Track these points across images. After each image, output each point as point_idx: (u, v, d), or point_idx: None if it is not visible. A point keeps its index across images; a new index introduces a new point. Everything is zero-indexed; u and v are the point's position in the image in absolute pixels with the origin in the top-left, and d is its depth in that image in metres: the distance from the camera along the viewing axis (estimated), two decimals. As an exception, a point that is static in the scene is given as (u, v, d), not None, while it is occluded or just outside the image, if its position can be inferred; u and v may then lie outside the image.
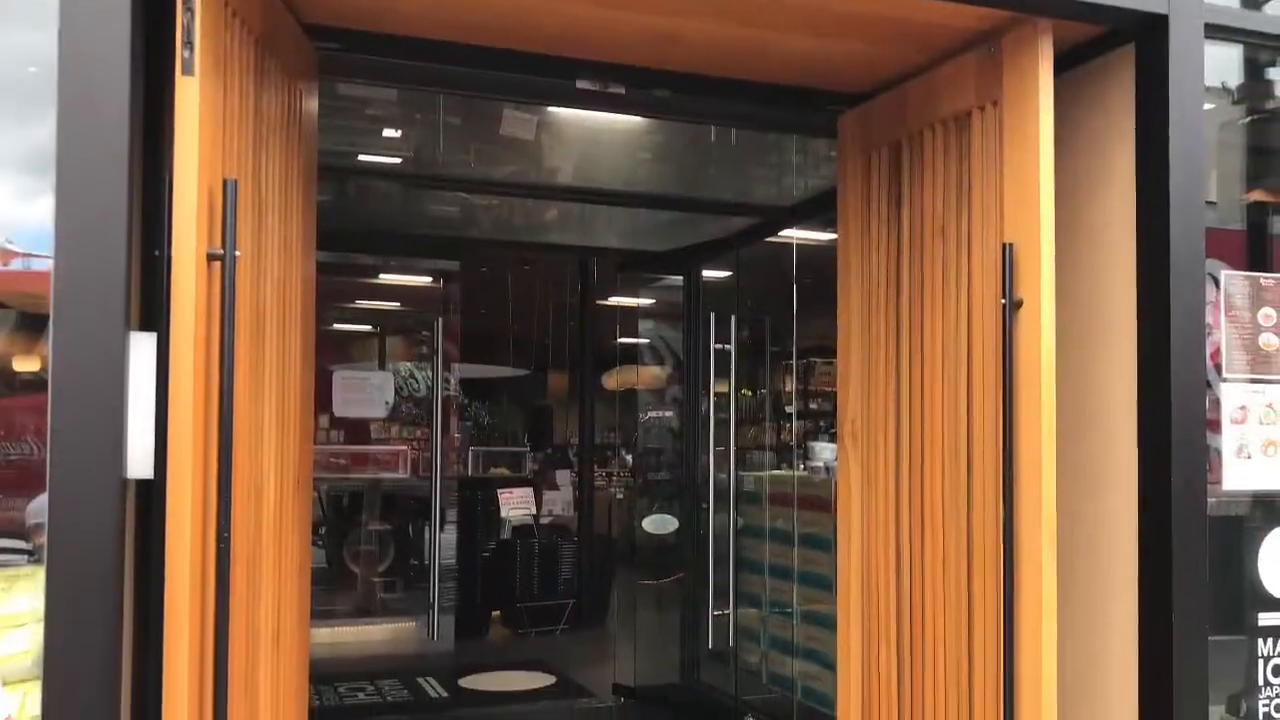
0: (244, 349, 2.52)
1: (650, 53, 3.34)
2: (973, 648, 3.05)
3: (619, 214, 7.84)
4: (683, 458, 7.28)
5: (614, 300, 9.08)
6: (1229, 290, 3.22)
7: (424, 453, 7.57)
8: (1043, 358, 2.85)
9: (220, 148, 2.41)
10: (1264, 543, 3.28)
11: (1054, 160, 2.89)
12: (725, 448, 6.62)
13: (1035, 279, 2.86)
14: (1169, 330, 2.93)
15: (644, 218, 7.87)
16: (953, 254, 3.19)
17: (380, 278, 7.86)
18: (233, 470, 2.36)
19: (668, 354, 8.42)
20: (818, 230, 5.99)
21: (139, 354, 2.28)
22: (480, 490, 9.48)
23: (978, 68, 3.09)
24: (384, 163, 6.74)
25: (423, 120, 6.23)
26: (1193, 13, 3.01)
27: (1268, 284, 3.27)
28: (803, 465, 6.62)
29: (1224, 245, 3.33)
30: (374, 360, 8.22)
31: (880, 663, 3.46)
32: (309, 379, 3.10)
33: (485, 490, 9.41)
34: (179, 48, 2.26)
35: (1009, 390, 2.90)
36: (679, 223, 7.58)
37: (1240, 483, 3.19)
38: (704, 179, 7.10)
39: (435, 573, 7.03)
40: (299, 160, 3.01)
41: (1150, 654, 2.96)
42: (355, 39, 3.15)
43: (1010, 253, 2.91)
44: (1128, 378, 3.05)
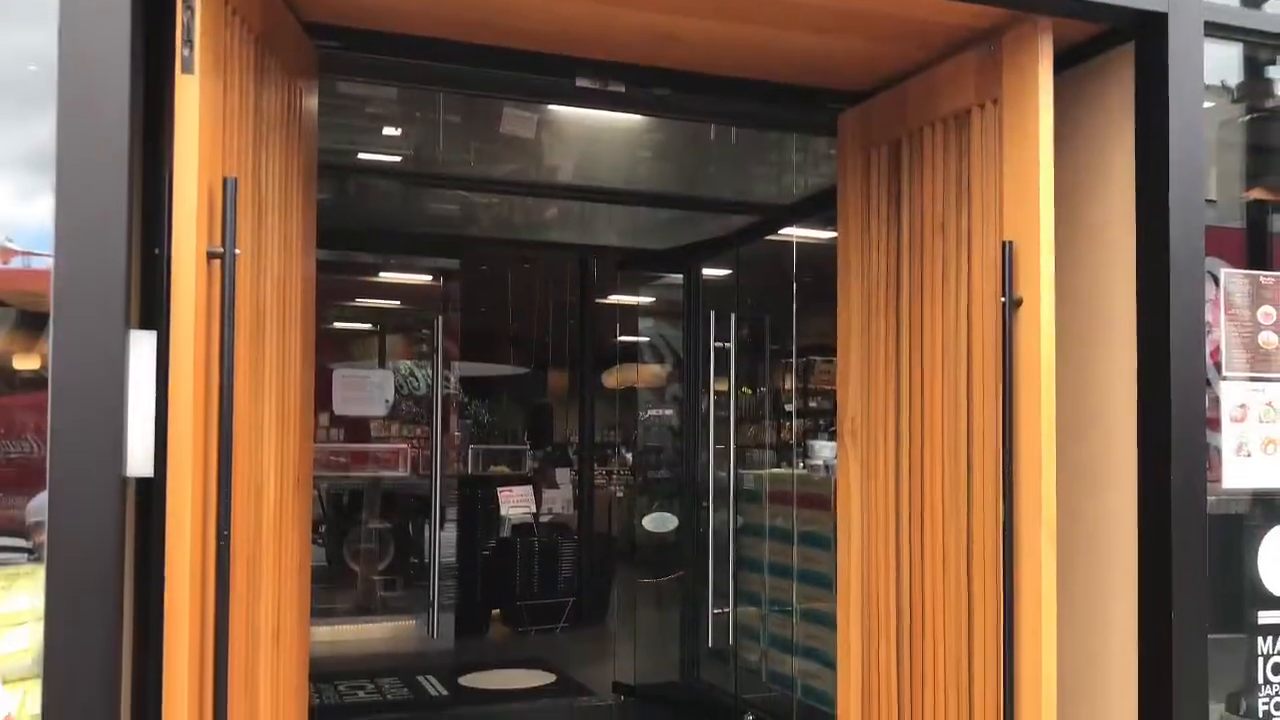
0: (244, 347, 2.52)
1: (650, 51, 3.34)
2: (973, 646, 3.05)
3: (619, 212, 7.84)
4: (682, 456, 7.28)
5: (614, 298, 9.07)
6: (1229, 288, 3.22)
7: (424, 451, 7.56)
8: (1042, 356, 2.85)
9: (220, 146, 2.41)
10: (1264, 541, 3.28)
11: (1054, 158, 2.89)
12: (725, 446, 6.62)
13: (1035, 277, 2.87)
14: (1169, 328, 2.93)
15: (644, 216, 7.86)
16: (953, 252, 3.20)
17: (380, 276, 7.85)
18: (233, 468, 2.37)
19: (668, 352, 8.41)
20: (818, 228, 5.99)
21: (139, 352, 2.28)
22: (480, 488, 9.47)
23: (978, 66, 3.09)
24: (384, 161, 6.73)
25: (423, 118, 6.23)
26: (1192, 11, 3.01)
27: (1267, 282, 3.27)
28: (802, 463, 6.62)
29: (1223, 243, 3.33)
30: (374, 358, 8.21)
31: (880, 661, 3.46)
32: (309, 377, 3.10)
33: (485, 488, 9.41)
34: (179, 46, 2.26)
35: (1009, 388, 2.90)
36: (679, 221, 7.58)
37: (1240, 481, 3.19)
38: (704, 177, 7.09)
39: (435, 571, 7.02)
40: (299, 158, 3.01)
41: (1150, 652, 2.96)
42: (355, 37, 3.15)
43: (1010, 251, 2.91)
44: (1127, 376, 3.05)
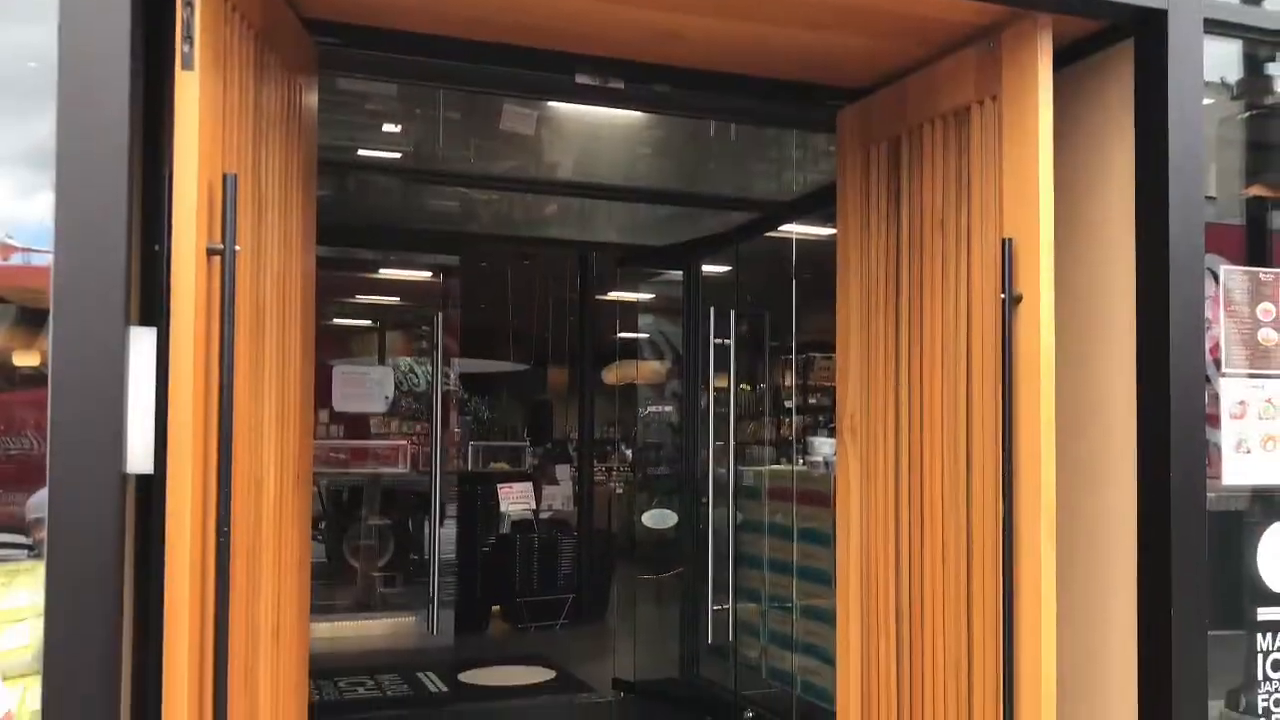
0: (244, 344, 2.52)
1: (650, 48, 3.33)
2: (972, 643, 3.05)
3: (619, 209, 7.83)
4: (682, 453, 7.28)
5: (614, 295, 9.07)
6: (1228, 285, 3.22)
7: (424, 448, 7.55)
8: (1042, 353, 2.85)
9: (220, 143, 2.41)
10: (1263, 538, 3.28)
11: (1054, 155, 2.89)
12: (725, 443, 6.61)
13: (1035, 274, 2.87)
14: (1168, 325, 2.93)
15: (644, 213, 7.86)
16: (952, 249, 3.19)
17: (380, 273, 7.84)
18: (232, 465, 2.37)
19: (667, 349, 8.40)
20: (817, 225, 5.98)
21: (139, 349, 2.28)
22: (480, 485, 9.48)
23: (977, 62, 3.09)
24: (384, 158, 6.73)
25: (422, 115, 6.23)
26: (1192, 8, 3.00)
27: (1267, 279, 3.27)
28: (802, 460, 6.62)
29: (1223, 240, 3.33)
30: (374, 355, 8.21)
31: (880, 657, 3.46)
32: (309, 374, 3.10)
33: (485, 485, 9.42)
34: (179, 43, 2.26)
35: (1008, 385, 2.90)
36: (679, 218, 7.58)
37: (1239, 478, 3.19)
38: (704, 174, 7.09)
39: (435, 567, 7.01)
40: (299, 155, 3.01)
41: (1150, 649, 2.96)
42: (355, 34, 3.15)
43: (1010, 248, 2.91)
44: (1127, 373, 3.05)
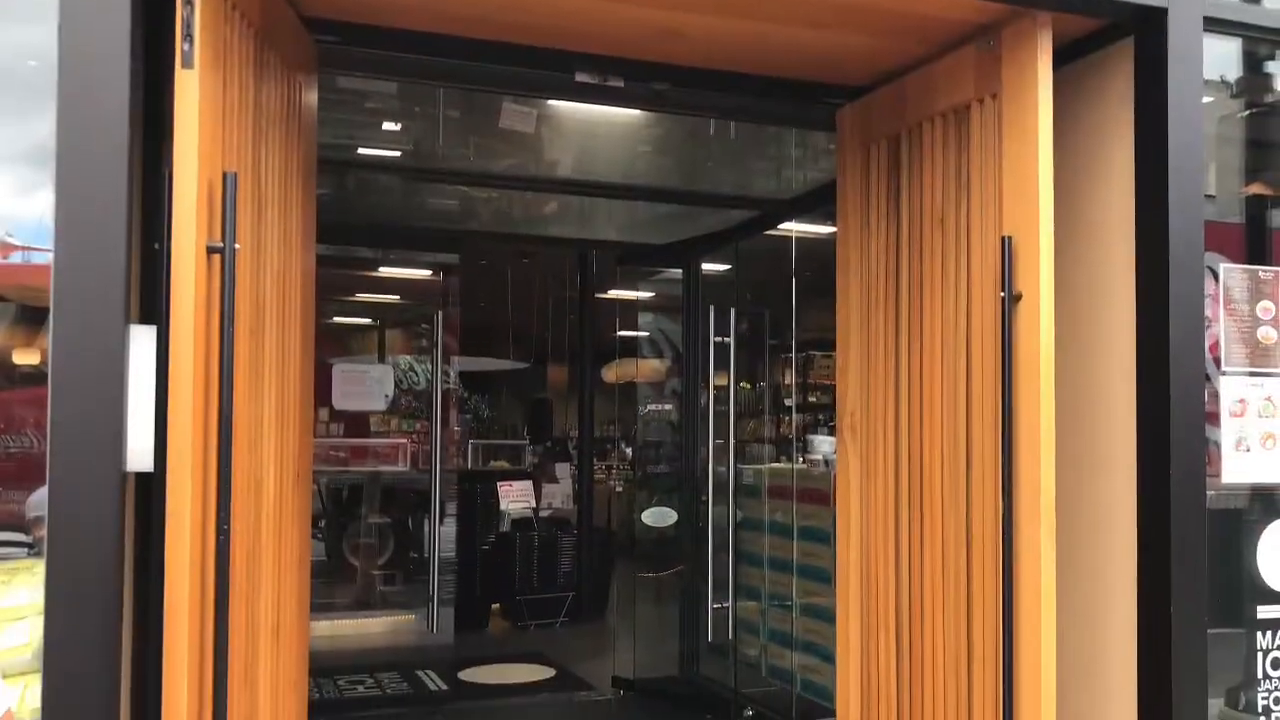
0: (244, 342, 2.52)
1: (650, 46, 3.33)
2: (972, 640, 3.05)
3: (618, 207, 7.83)
4: (682, 451, 7.28)
5: (613, 293, 9.07)
6: (1228, 283, 3.22)
7: (423, 446, 7.55)
8: (1042, 351, 2.85)
9: (220, 141, 2.41)
10: (1263, 536, 3.28)
11: (1053, 153, 2.89)
12: (724, 441, 6.61)
13: (1034, 272, 2.87)
14: (1168, 323, 2.93)
15: (643, 211, 7.86)
16: (952, 247, 3.20)
17: (380, 271, 7.83)
18: (232, 463, 2.37)
19: (667, 347, 8.41)
20: (817, 223, 5.99)
21: (139, 347, 2.28)
22: (480, 483, 9.48)
23: (977, 61, 3.09)
24: (383, 156, 6.73)
25: (422, 113, 6.23)
26: (1192, 6, 3.00)
27: (1266, 277, 3.27)
28: (802, 458, 6.62)
29: (1223, 239, 3.33)
30: (373, 353, 8.22)
31: (880, 655, 3.46)
32: (309, 372, 3.10)
33: (485, 483, 9.41)
34: (179, 41, 2.26)
35: (1008, 383, 2.90)
36: (678, 216, 7.58)
37: (1239, 476, 3.20)
38: (703, 172, 7.09)
39: (435, 566, 7.00)
40: (299, 153, 3.01)
41: (1149, 647, 2.96)
42: (354, 32, 3.15)
43: (1009, 246, 2.91)
44: (1127, 371, 3.05)
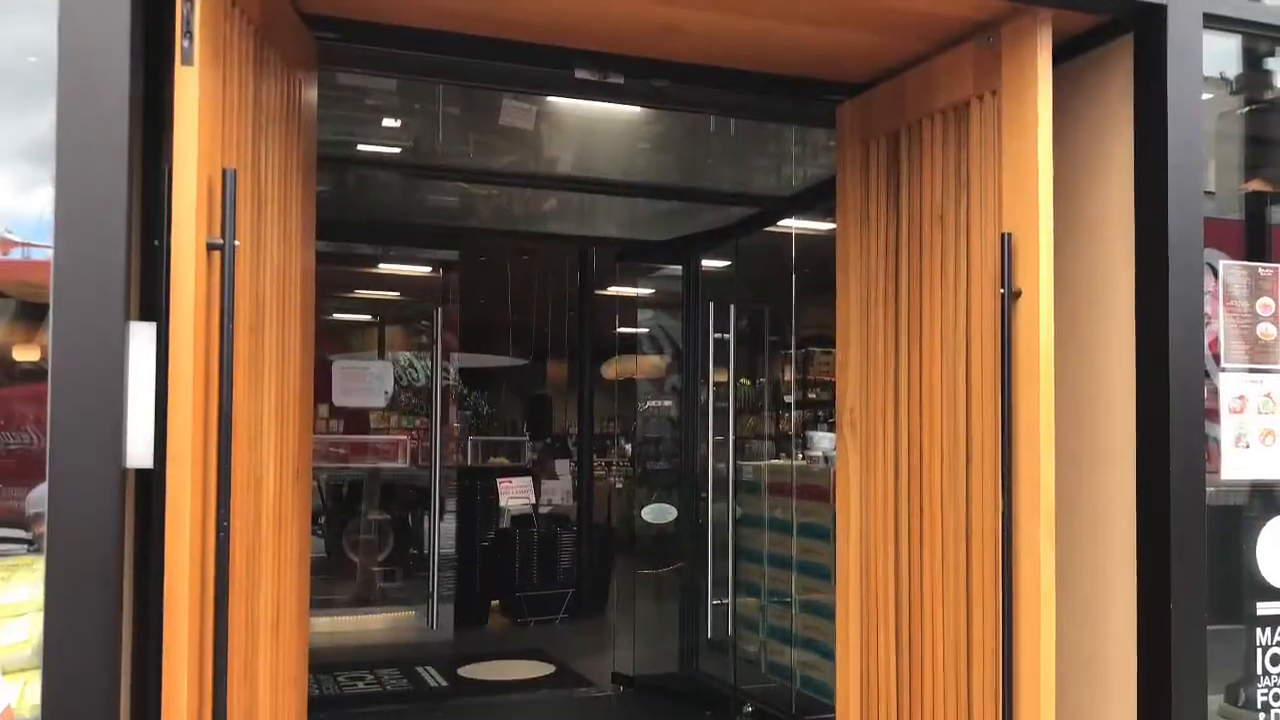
0: (243, 339, 2.52)
1: (649, 42, 3.33)
2: (971, 636, 3.06)
3: (618, 204, 7.83)
4: (682, 447, 7.29)
5: (613, 290, 9.06)
6: (1227, 280, 3.22)
7: (423, 442, 7.56)
8: (1041, 348, 2.85)
9: (220, 138, 2.41)
10: (1262, 532, 3.29)
11: (1053, 150, 2.89)
12: (724, 437, 6.62)
13: (1034, 269, 2.87)
14: (1167, 320, 2.93)
15: (643, 207, 7.85)
16: (951, 244, 3.20)
17: (379, 267, 7.84)
18: (232, 460, 2.37)
19: (667, 343, 8.41)
20: (817, 220, 6.00)
21: (138, 344, 2.28)
22: (479, 480, 9.50)
23: (976, 57, 3.08)
24: (383, 152, 6.73)
25: (422, 110, 6.23)
26: (1191, 3, 3.00)
27: (1265, 274, 3.27)
28: (801, 454, 6.64)
29: (1222, 235, 3.33)
30: (373, 350, 8.21)
31: (879, 651, 3.47)
32: (308, 369, 3.10)
33: (484, 480, 9.43)
34: (178, 38, 2.26)
35: (1008, 380, 2.90)
36: (678, 212, 7.58)
37: (1238, 472, 3.20)
38: (703, 169, 7.09)
39: (434, 562, 7.02)
40: (298, 150, 3.01)
41: (1149, 643, 2.96)
42: (354, 29, 3.15)
43: (1009, 242, 2.91)
44: (1126, 367, 3.05)
